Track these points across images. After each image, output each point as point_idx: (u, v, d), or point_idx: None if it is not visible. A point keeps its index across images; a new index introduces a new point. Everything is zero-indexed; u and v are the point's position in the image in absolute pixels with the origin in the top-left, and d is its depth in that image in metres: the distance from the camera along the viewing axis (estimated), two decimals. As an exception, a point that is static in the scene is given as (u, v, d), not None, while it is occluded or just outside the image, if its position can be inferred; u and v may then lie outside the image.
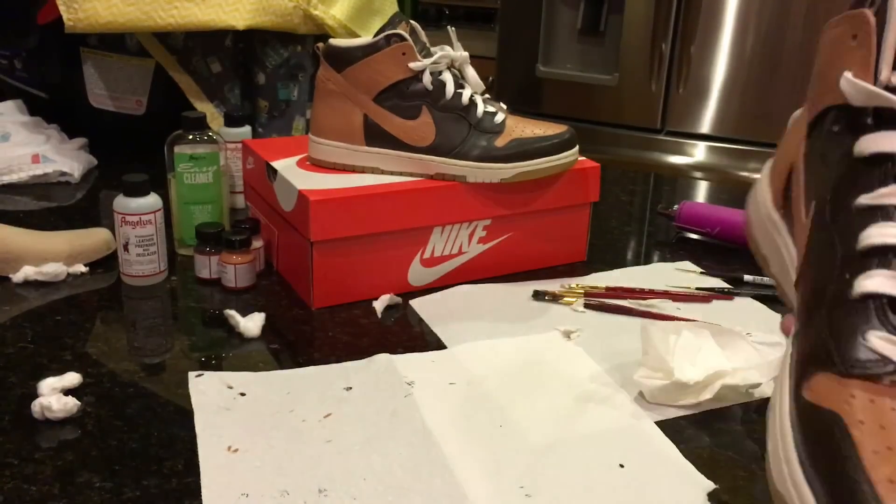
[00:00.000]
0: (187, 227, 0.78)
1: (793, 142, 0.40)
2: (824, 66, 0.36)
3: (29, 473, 0.48)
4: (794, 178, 0.38)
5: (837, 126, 0.34)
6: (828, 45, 0.37)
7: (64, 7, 0.91)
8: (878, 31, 0.33)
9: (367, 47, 0.72)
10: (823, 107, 0.36)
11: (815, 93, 0.37)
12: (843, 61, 0.34)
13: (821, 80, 0.36)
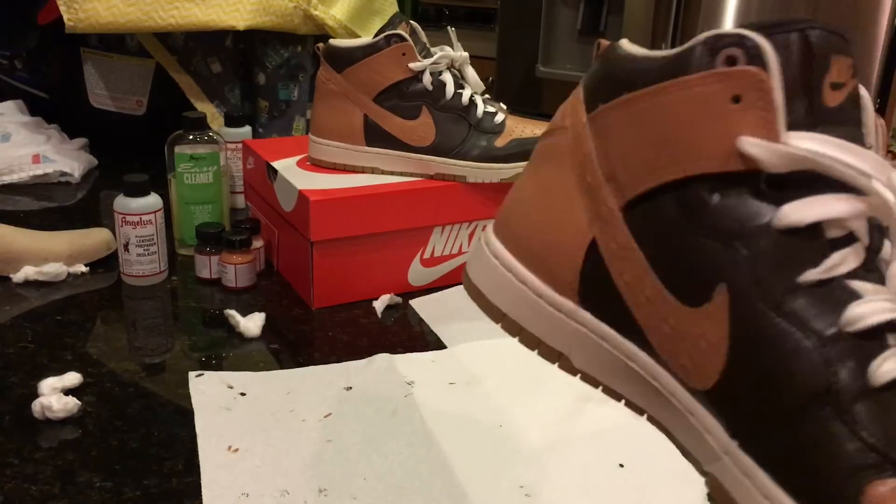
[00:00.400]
0: (188, 227, 0.78)
1: (574, 217, 0.34)
2: (675, 130, 0.31)
3: (29, 473, 0.48)
4: (612, 261, 0.33)
5: (720, 196, 0.30)
6: (679, 107, 0.31)
7: (64, 7, 0.91)
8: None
9: (368, 48, 0.72)
10: (677, 177, 0.31)
11: (654, 162, 0.31)
12: (723, 125, 0.30)
13: (670, 147, 0.31)
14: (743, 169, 0.30)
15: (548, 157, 0.38)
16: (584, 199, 0.34)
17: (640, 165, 0.32)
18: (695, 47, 0.31)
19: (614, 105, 0.33)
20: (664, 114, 0.32)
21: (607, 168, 0.33)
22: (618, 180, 0.33)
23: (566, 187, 0.35)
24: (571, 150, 0.36)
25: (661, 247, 0.32)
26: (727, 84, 0.30)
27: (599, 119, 0.34)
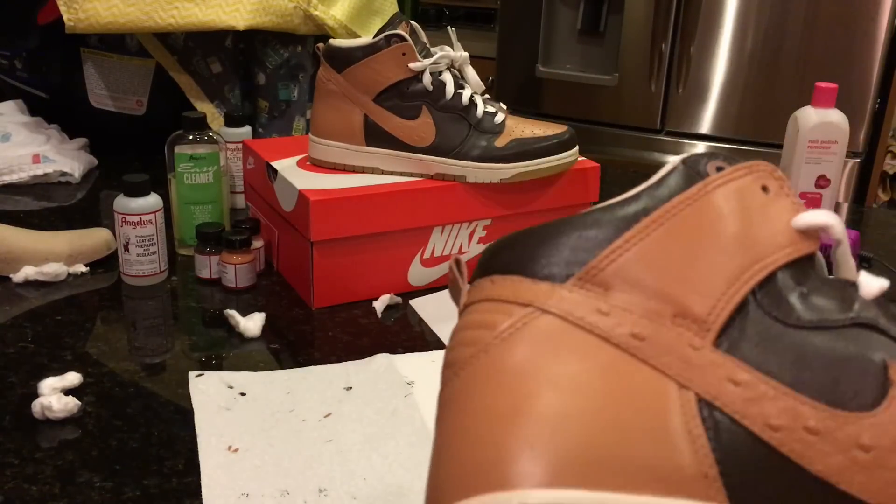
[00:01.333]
0: (188, 227, 0.78)
1: (648, 388, 0.26)
2: (741, 229, 0.29)
3: (29, 473, 0.48)
4: (744, 406, 0.26)
5: (804, 286, 0.29)
6: (723, 204, 0.29)
7: (64, 7, 0.92)
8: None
9: (368, 48, 0.72)
10: (762, 277, 0.28)
11: (734, 270, 0.28)
12: (772, 212, 0.29)
13: (742, 248, 0.28)
14: (806, 252, 0.29)
15: (540, 360, 0.28)
16: (636, 362, 0.27)
17: (716, 283, 0.28)
18: (679, 170, 0.30)
19: (642, 232, 0.29)
20: (712, 219, 0.29)
21: (667, 307, 0.27)
22: (690, 314, 0.27)
23: (610, 364, 0.27)
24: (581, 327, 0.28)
25: (790, 361, 0.27)
26: (754, 178, 0.30)
27: (595, 272, 0.28)
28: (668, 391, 0.26)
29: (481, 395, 0.27)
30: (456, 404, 0.27)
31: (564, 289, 0.28)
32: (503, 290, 0.29)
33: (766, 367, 0.26)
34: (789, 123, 0.88)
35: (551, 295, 0.28)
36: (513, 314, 0.28)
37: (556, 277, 0.28)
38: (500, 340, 0.28)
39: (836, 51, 1.70)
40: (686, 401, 0.26)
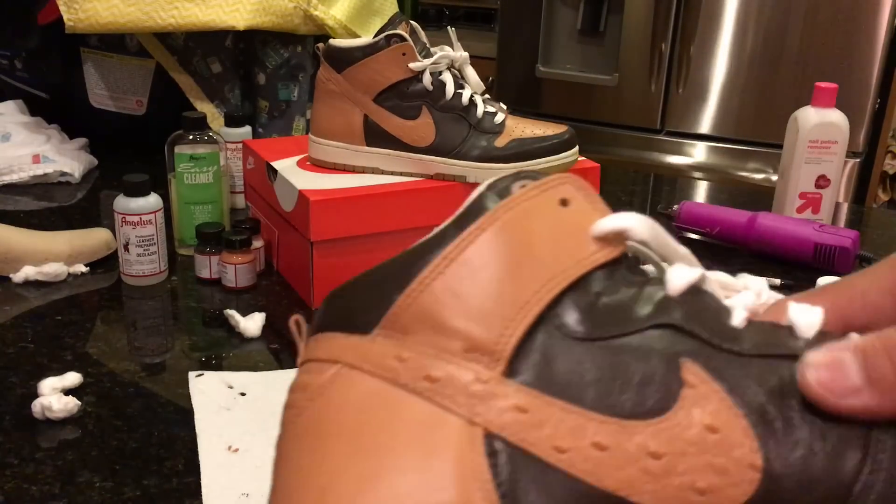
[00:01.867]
0: (188, 227, 0.78)
1: (430, 440, 0.26)
2: (524, 251, 0.29)
3: (29, 473, 0.48)
4: (527, 433, 0.26)
5: (603, 294, 0.29)
6: (516, 227, 0.29)
7: (64, 7, 0.91)
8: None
9: (367, 48, 0.72)
10: (553, 296, 0.28)
11: (519, 295, 0.28)
12: (571, 224, 0.29)
13: (529, 271, 0.28)
14: (605, 260, 0.29)
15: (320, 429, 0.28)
16: (428, 405, 0.27)
17: (503, 310, 0.27)
18: (480, 195, 0.30)
19: (436, 270, 0.28)
20: (501, 245, 0.28)
21: (458, 343, 0.27)
22: (480, 346, 0.27)
23: (407, 412, 0.27)
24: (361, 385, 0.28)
25: (582, 378, 0.26)
26: (550, 193, 0.30)
27: (395, 318, 0.28)
28: (459, 430, 0.26)
29: (295, 455, 0.27)
30: (276, 466, 0.28)
31: (369, 339, 0.28)
32: (320, 348, 0.29)
33: (556, 388, 0.26)
34: (789, 123, 0.88)
35: (357, 348, 0.28)
36: (323, 373, 0.28)
37: (365, 328, 0.28)
38: (312, 402, 0.28)
39: (836, 50, 1.70)
40: (474, 437, 0.25)
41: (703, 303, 0.28)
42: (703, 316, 0.28)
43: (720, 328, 0.27)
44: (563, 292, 0.28)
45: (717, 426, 0.25)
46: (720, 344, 0.27)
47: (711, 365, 0.26)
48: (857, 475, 0.24)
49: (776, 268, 0.81)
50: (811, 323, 0.27)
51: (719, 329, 0.27)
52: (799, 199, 0.88)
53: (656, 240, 0.30)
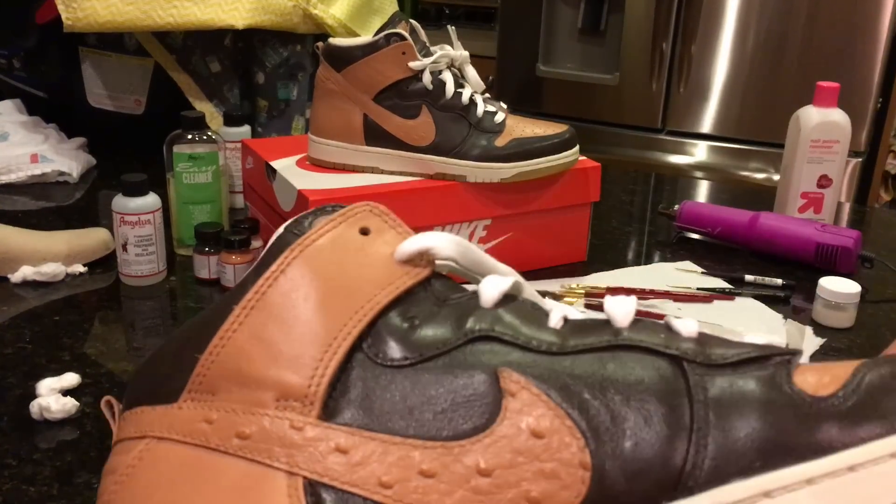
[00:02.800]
0: (186, 227, 0.78)
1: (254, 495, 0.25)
2: (325, 290, 0.28)
3: (28, 474, 0.48)
4: (352, 475, 0.25)
5: (414, 319, 0.28)
6: (315, 264, 0.28)
7: (63, 6, 0.91)
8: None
9: (367, 47, 0.72)
10: (362, 328, 0.27)
11: (328, 333, 0.27)
12: (370, 253, 0.29)
13: (335, 306, 0.27)
14: (413, 282, 0.28)
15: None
16: (244, 463, 0.25)
17: (311, 349, 0.26)
18: (279, 236, 0.29)
19: (235, 322, 0.27)
20: (303, 283, 0.27)
21: (268, 393, 0.26)
22: (292, 391, 0.26)
23: (222, 474, 0.25)
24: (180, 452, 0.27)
25: (403, 406, 0.25)
26: (349, 223, 0.29)
27: (201, 379, 0.27)
28: (277, 483, 0.24)
29: None
30: None
31: (175, 407, 0.27)
32: (128, 426, 0.28)
33: (377, 422, 0.25)
34: (791, 123, 0.88)
35: (163, 419, 0.27)
36: (131, 451, 0.27)
37: (172, 397, 0.27)
38: (120, 486, 0.26)
39: (837, 50, 1.69)
40: (294, 489, 0.24)
41: (518, 309, 0.28)
42: (518, 322, 0.27)
43: (537, 332, 0.27)
44: (374, 321, 0.27)
45: (542, 431, 0.24)
46: (538, 347, 0.26)
47: (530, 370, 0.26)
48: (685, 455, 0.24)
49: (777, 268, 0.81)
50: (626, 311, 0.27)
51: (536, 333, 0.27)
52: (801, 199, 0.87)
53: (464, 256, 0.29)
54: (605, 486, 0.24)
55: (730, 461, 0.23)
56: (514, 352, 0.26)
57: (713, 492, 0.23)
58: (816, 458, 0.23)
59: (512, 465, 0.24)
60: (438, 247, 0.29)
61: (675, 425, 0.24)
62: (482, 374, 0.26)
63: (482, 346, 0.27)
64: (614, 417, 0.25)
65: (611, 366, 0.26)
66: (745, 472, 0.23)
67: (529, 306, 0.28)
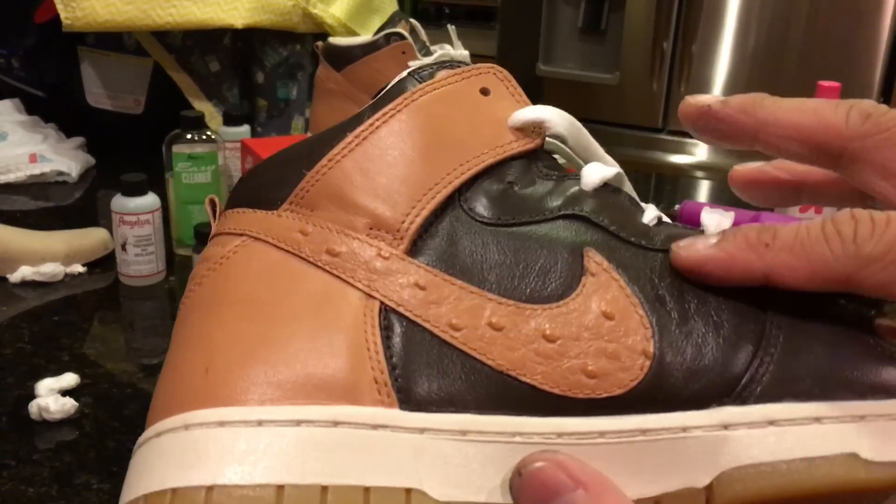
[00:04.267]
0: (186, 227, 0.78)
1: (333, 304, 0.26)
2: (435, 137, 0.29)
3: (26, 475, 0.48)
4: (424, 310, 0.26)
5: (517, 184, 0.29)
6: (430, 111, 0.29)
7: (62, 5, 0.91)
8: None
9: (367, 46, 0.71)
10: (462, 181, 0.28)
11: (428, 179, 0.28)
12: (487, 113, 0.29)
13: (439, 156, 0.28)
14: (521, 150, 0.29)
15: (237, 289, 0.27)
16: (328, 277, 0.26)
17: (410, 190, 0.27)
18: (401, 79, 0.30)
19: (346, 148, 0.28)
20: (415, 127, 0.28)
21: (362, 220, 0.27)
22: (385, 224, 0.27)
23: (306, 282, 0.26)
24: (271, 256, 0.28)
25: (485, 261, 0.26)
26: (472, 80, 0.30)
27: (303, 194, 0.28)
28: (355, 301, 0.26)
29: (188, 323, 0.27)
30: (172, 337, 0.28)
31: (275, 214, 0.28)
32: (229, 222, 0.29)
33: (458, 270, 0.26)
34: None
35: (263, 221, 0.28)
36: (228, 245, 0.28)
37: (273, 204, 0.28)
38: (212, 272, 0.28)
39: (838, 49, 1.69)
40: (370, 309, 0.25)
41: (615, 199, 0.29)
42: (613, 210, 0.28)
43: (629, 223, 0.28)
44: (475, 178, 0.28)
45: (613, 313, 0.25)
46: (627, 237, 0.27)
47: (615, 256, 0.26)
48: (747, 368, 0.24)
49: (778, 267, 0.80)
50: (720, 223, 0.28)
51: (628, 223, 0.28)
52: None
53: (574, 136, 0.30)
54: (662, 377, 0.24)
55: (789, 383, 0.24)
56: (602, 236, 0.27)
57: (766, 406, 0.24)
58: (876, 399, 0.23)
59: (577, 338, 0.25)
60: (553, 121, 0.30)
61: (743, 338, 0.25)
62: (567, 248, 0.27)
63: (573, 223, 0.27)
64: (685, 318, 0.25)
65: None
66: (801, 396, 0.24)
67: (627, 199, 0.29)
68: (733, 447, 0.23)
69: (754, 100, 0.28)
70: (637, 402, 0.24)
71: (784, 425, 0.23)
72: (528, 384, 0.24)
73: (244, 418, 0.23)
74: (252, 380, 0.24)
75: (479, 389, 0.24)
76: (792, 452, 0.23)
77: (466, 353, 0.25)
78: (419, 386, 0.24)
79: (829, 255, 0.24)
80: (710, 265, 0.25)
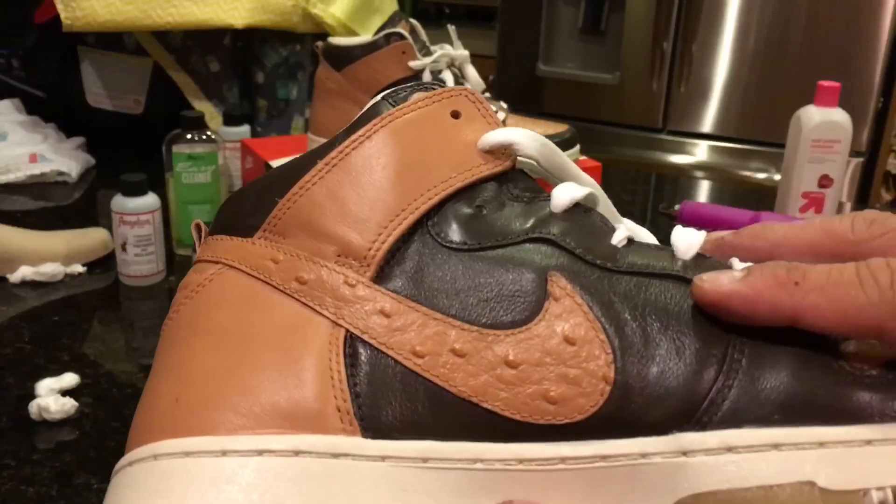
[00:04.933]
0: (186, 227, 0.78)
1: (299, 334, 0.27)
2: (406, 161, 0.29)
3: (26, 475, 0.48)
4: (390, 337, 0.26)
5: (484, 208, 0.29)
6: (402, 137, 0.29)
7: (61, 5, 0.91)
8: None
9: (367, 46, 0.71)
10: (430, 206, 0.28)
11: (396, 203, 0.28)
12: (456, 137, 0.29)
13: (408, 180, 0.28)
14: (490, 173, 0.29)
15: (206, 321, 0.28)
16: (297, 305, 0.27)
17: (378, 216, 0.27)
18: (375, 103, 0.31)
19: (317, 175, 0.29)
20: (385, 152, 0.29)
21: (331, 248, 0.27)
22: (353, 250, 0.27)
23: (274, 309, 0.27)
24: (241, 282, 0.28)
25: (451, 286, 0.27)
26: (443, 104, 0.30)
27: (276, 221, 0.29)
28: (322, 330, 0.26)
29: (164, 352, 0.28)
30: (154, 363, 0.29)
31: (249, 242, 0.29)
32: (208, 249, 0.30)
33: (423, 296, 0.27)
34: (792, 122, 0.88)
35: (237, 250, 0.29)
36: (205, 272, 0.29)
37: (249, 231, 0.29)
38: (189, 300, 0.29)
39: (838, 49, 1.69)
40: (335, 338, 0.26)
41: (585, 220, 0.29)
42: (581, 232, 0.28)
43: (596, 245, 0.28)
44: (444, 202, 0.28)
45: (574, 338, 0.25)
46: (593, 259, 0.27)
47: (579, 279, 0.27)
48: (707, 393, 0.24)
49: (779, 267, 0.80)
50: (690, 244, 0.28)
51: (595, 246, 0.28)
52: (802, 199, 0.87)
53: (547, 157, 0.30)
54: (622, 403, 0.24)
55: (749, 408, 0.24)
56: (568, 259, 0.27)
57: (724, 432, 0.24)
58: (837, 425, 0.23)
59: (539, 364, 0.25)
60: (523, 144, 0.30)
61: (705, 363, 0.25)
62: (532, 273, 0.27)
63: (539, 246, 0.27)
64: (647, 342, 0.25)
65: (658, 292, 0.26)
66: (762, 421, 0.24)
67: (598, 219, 0.29)
68: (691, 474, 0.23)
69: (763, 226, 0.28)
70: (597, 428, 0.24)
71: (742, 452, 0.23)
72: (490, 410, 0.25)
73: (208, 448, 0.24)
74: (219, 409, 0.25)
75: (441, 416, 0.25)
76: (749, 480, 0.23)
77: (429, 381, 0.25)
78: (382, 413, 0.25)
79: (864, 301, 0.23)
80: (735, 302, 0.25)
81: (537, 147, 0.30)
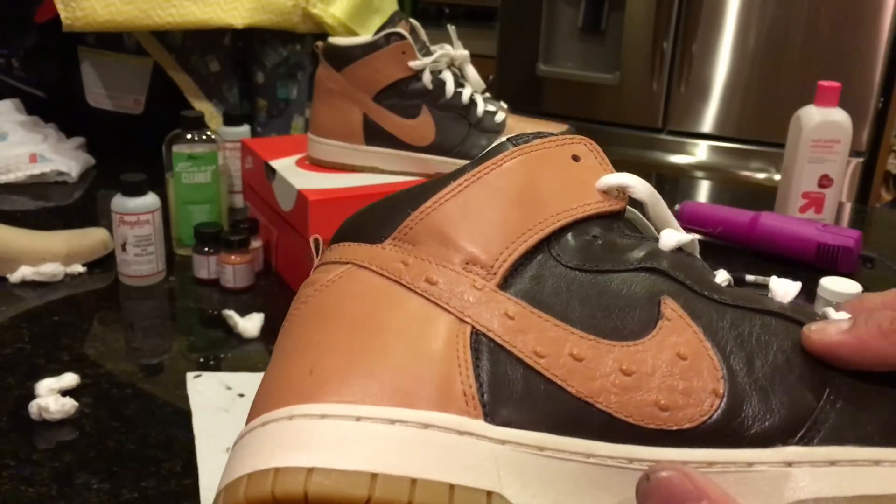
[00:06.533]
0: (185, 227, 0.78)
1: (431, 325, 0.29)
2: (530, 191, 0.32)
3: (27, 475, 0.48)
4: (513, 336, 0.29)
5: (600, 236, 0.32)
6: (528, 168, 0.33)
7: (62, 5, 0.91)
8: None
9: (367, 46, 0.71)
10: (549, 232, 0.31)
11: (521, 225, 0.31)
12: (577, 176, 0.33)
13: (532, 206, 0.32)
14: (606, 209, 0.32)
15: (352, 302, 0.30)
16: (424, 302, 0.30)
17: (504, 234, 0.31)
18: (500, 143, 0.34)
19: (449, 194, 0.32)
20: (515, 180, 0.32)
21: (459, 256, 0.30)
22: (479, 261, 0.30)
23: (405, 304, 0.30)
24: (380, 282, 0.31)
25: (569, 300, 0.29)
26: (565, 148, 0.34)
27: (406, 230, 0.32)
28: (449, 324, 0.29)
29: (295, 334, 0.30)
30: (275, 347, 0.31)
31: (380, 247, 0.32)
32: (333, 253, 0.33)
33: (544, 306, 0.29)
34: (792, 122, 0.88)
35: (367, 252, 0.32)
36: (332, 271, 0.32)
37: (377, 239, 0.32)
38: (318, 293, 0.31)
39: (838, 49, 1.69)
40: (462, 331, 0.29)
41: (691, 261, 0.32)
42: (689, 269, 0.31)
43: (703, 280, 0.30)
44: (564, 228, 0.31)
45: (686, 354, 0.28)
46: (701, 290, 0.30)
47: (689, 305, 0.29)
48: (811, 413, 0.27)
49: (779, 268, 0.81)
50: (787, 291, 0.31)
51: (703, 280, 0.30)
52: (802, 199, 0.87)
53: (654, 204, 0.33)
54: (730, 416, 0.27)
55: (851, 428, 0.26)
56: (679, 288, 0.30)
57: (828, 448, 0.26)
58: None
59: (652, 374, 0.27)
60: (636, 187, 0.33)
61: (810, 387, 0.27)
62: (646, 295, 0.29)
63: (652, 275, 0.30)
64: (753, 364, 0.28)
65: (762, 323, 0.29)
66: (863, 441, 0.26)
67: (700, 263, 0.32)
68: (796, 483, 0.26)
69: (863, 296, 0.31)
70: (705, 437, 0.26)
71: (845, 465, 0.26)
72: (604, 411, 0.27)
73: (344, 413, 0.26)
74: (352, 382, 0.27)
75: (558, 412, 0.27)
76: (851, 490, 0.25)
77: (548, 379, 0.27)
78: (502, 403, 0.27)
79: None
80: (842, 351, 0.27)
81: (648, 192, 0.33)
